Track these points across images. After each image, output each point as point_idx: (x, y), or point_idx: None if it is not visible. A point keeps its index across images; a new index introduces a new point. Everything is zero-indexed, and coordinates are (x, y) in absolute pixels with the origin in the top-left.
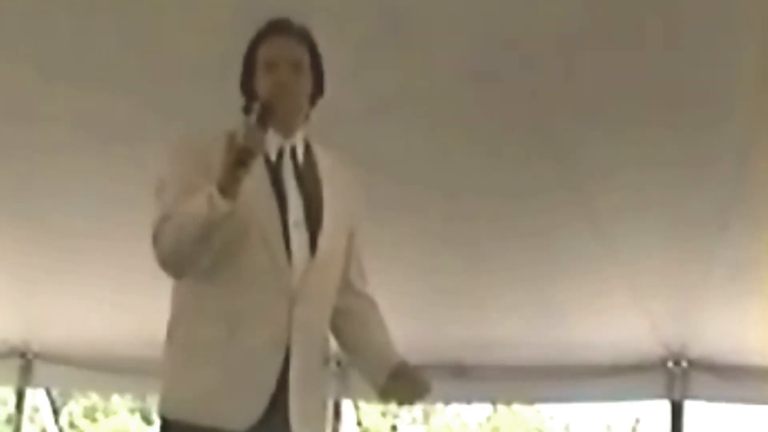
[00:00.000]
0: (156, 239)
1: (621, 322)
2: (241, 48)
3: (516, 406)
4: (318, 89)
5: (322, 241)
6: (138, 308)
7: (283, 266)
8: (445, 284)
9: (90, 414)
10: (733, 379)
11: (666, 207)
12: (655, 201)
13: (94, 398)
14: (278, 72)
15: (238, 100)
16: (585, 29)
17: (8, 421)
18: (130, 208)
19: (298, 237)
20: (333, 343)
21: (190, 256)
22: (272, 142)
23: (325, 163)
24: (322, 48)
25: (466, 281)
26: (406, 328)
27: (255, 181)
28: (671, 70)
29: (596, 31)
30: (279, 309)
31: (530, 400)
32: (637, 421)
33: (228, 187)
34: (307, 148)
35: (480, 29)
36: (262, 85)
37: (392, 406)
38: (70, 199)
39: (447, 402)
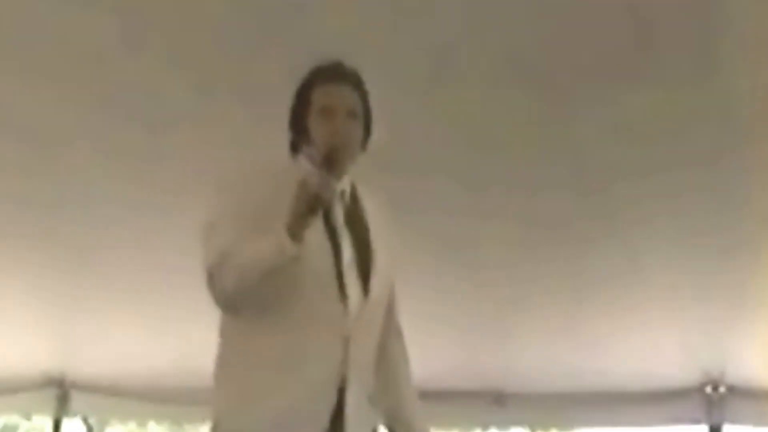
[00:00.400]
0: (214, 276)
1: (658, 348)
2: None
3: None
4: (367, 133)
5: (375, 282)
6: (175, 336)
7: (338, 308)
8: (482, 311)
9: None
10: None
11: (701, 234)
12: (689, 228)
13: (131, 426)
14: (336, 120)
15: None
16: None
17: None
18: (168, 236)
19: (352, 279)
20: None
21: (250, 297)
22: None
23: (368, 204)
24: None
25: (503, 308)
26: (444, 355)
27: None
28: (709, 105)
29: (635, 60)
30: (335, 348)
31: (568, 426)
32: None
33: (297, 232)
34: (353, 190)
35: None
36: (320, 131)
37: None
38: (108, 228)
39: (485, 428)
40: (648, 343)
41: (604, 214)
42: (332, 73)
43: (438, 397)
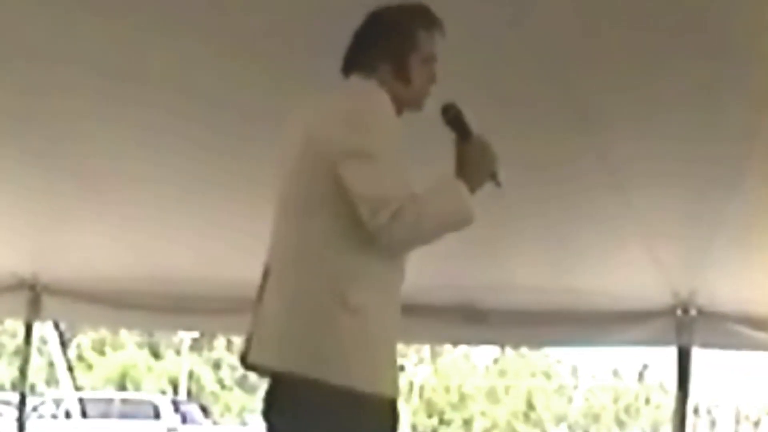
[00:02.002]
0: (399, 215)
1: (632, 270)
2: None
3: (523, 350)
4: None
5: None
6: (148, 245)
7: None
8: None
9: (98, 347)
10: (740, 327)
11: (681, 162)
12: (670, 156)
13: (103, 332)
14: (433, 71)
15: None
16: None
17: (16, 353)
18: (142, 148)
19: None
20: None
21: (420, 244)
22: None
23: None
24: None
25: (481, 226)
26: (419, 270)
27: None
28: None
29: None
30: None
31: (539, 344)
32: (645, 366)
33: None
34: None
35: None
36: (423, 78)
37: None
38: (84, 138)
39: (455, 344)
40: (623, 265)
41: (586, 137)
42: (435, 19)
43: (409, 311)
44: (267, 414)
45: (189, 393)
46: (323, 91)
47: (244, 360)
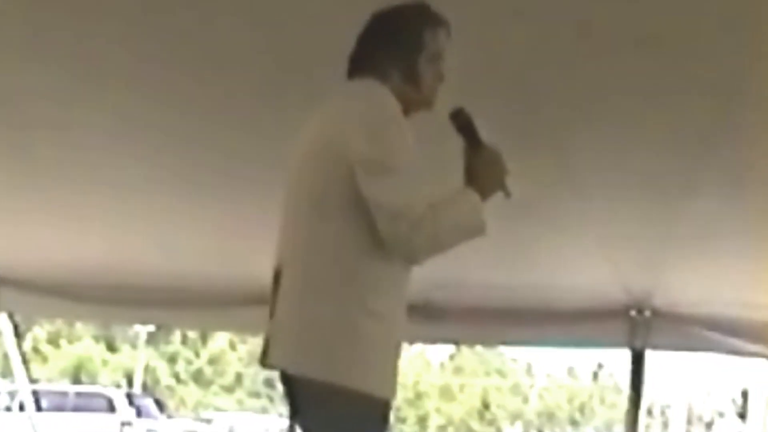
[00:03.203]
0: (417, 226)
1: (588, 270)
2: None
3: (479, 348)
4: None
5: None
6: (104, 237)
7: None
8: None
9: (54, 340)
10: (694, 328)
11: (639, 162)
12: (628, 156)
13: (59, 324)
14: (440, 69)
15: None
16: None
17: None
18: (98, 135)
19: None
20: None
21: (436, 253)
22: None
23: None
24: None
25: None
26: None
27: None
28: (651, 63)
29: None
30: None
31: (494, 342)
32: (600, 366)
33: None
34: None
35: None
36: (431, 75)
37: None
38: (38, 128)
39: (411, 342)
40: (578, 265)
41: (544, 134)
42: (438, 17)
43: None
44: (293, 418)
45: (144, 386)
46: (330, 95)
47: (263, 360)
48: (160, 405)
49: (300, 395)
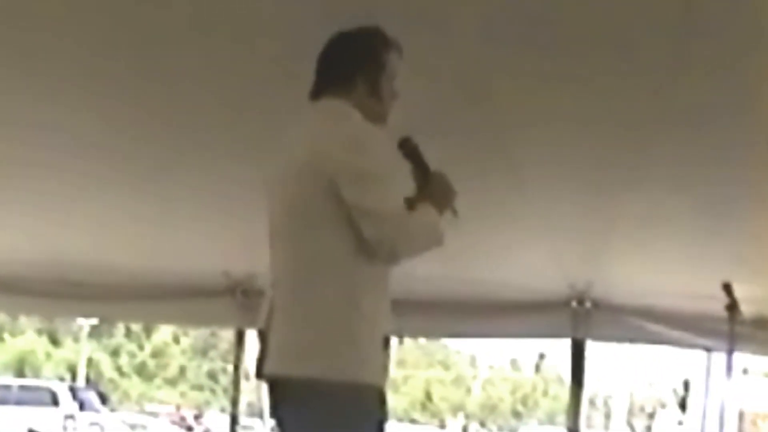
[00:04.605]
0: (399, 230)
1: (529, 262)
2: None
3: (422, 340)
4: None
5: None
6: (46, 231)
7: None
8: None
9: None
10: (635, 319)
11: (579, 155)
12: (570, 150)
13: (1, 318)
14: (394, 88)
15: None
16: None
17: None
18: (38, 131)
19: None
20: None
21: (412, 257)
22: None
23: None
24: None
25: None
26: None
27: None
28: (595, 58)
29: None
30: None
31: (438, 335)
32: (542, 356)
33: None
34: None
35: None
36: (387, 92)
37: None
38: None
39: None
40: (519, 256)
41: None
42: (392, 40)
43: None
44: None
45: (87, 380)
46: (301, 117)
47: (259, 373)
48: (103, 398)
49: (300, 396)
